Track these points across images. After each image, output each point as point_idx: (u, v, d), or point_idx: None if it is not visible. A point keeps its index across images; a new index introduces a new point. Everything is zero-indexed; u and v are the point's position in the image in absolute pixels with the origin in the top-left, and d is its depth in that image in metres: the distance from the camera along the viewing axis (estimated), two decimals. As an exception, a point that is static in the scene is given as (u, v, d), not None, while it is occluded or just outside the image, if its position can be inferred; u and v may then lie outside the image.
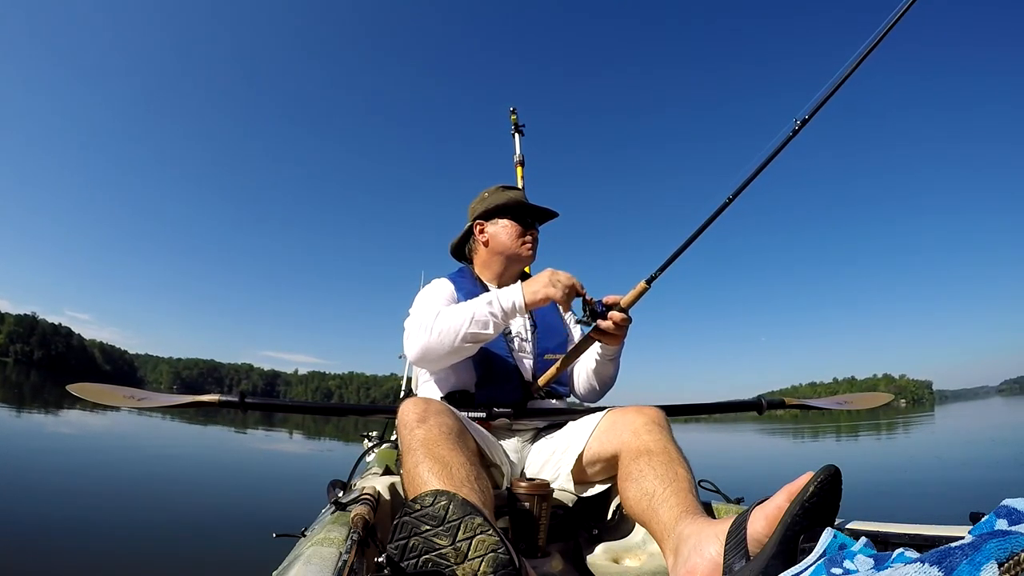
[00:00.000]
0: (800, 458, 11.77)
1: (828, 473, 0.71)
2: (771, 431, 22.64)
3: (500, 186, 1.76)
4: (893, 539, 0.92)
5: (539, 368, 1.55)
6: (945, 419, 22.96)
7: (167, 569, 3.27)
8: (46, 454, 7.24)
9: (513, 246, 1.65)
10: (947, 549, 0.49)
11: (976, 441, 13.02)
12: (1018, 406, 36.93)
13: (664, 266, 1.28)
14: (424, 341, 1.33)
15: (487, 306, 1.32)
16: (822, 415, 19.89)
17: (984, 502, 0.67)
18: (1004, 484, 5.89)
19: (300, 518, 1.42)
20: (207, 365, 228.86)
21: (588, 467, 1.27)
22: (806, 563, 0.65)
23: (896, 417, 24.40)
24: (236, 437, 14.44)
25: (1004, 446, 10.95)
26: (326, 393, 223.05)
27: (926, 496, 5.81)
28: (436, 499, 0.74)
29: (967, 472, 7.37)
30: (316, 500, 1.48)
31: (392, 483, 1.27)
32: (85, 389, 1.81)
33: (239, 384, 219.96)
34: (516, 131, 3.10)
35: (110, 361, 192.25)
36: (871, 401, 2.35)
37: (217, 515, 4.77)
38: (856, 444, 14.32)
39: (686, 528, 0.86)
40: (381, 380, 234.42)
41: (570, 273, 1.32)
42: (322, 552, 0.84)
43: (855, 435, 17.43)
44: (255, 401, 1.67)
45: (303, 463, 10.16)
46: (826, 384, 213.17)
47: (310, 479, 6.49)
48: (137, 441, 10.90)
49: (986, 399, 77.91)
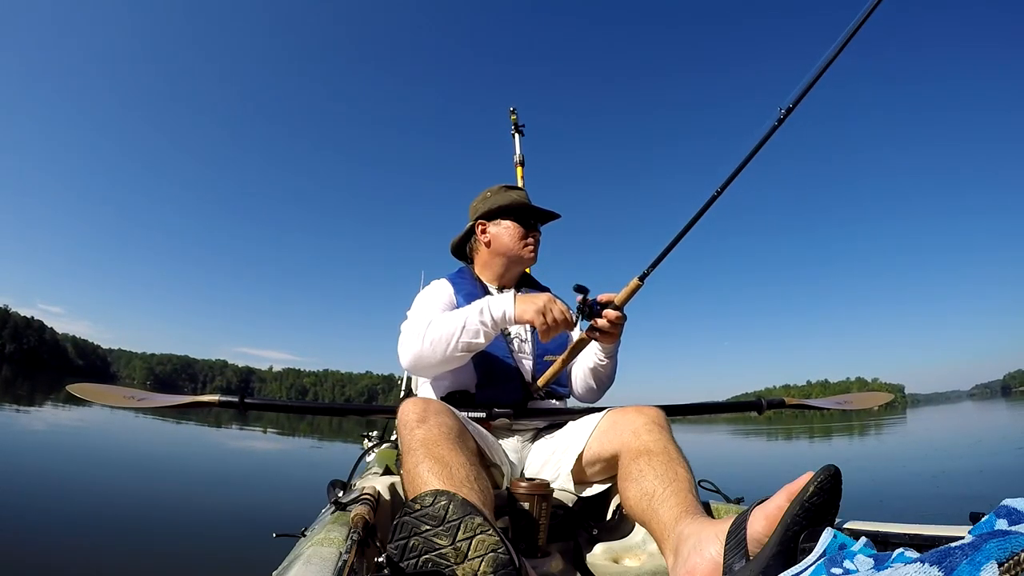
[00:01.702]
0: (793, 458, 11.78)
1: (828, 473, 0.71)
2: (744, 432, 22.70)
3: (503, 186, 1.76)
4: (893, 539, 0.92)
5: (538, 369, 1.56)
6: (916, 422, 23.12)
7: (167, 569, 3.27)
8: (40, 453, 7.24)
9: (515, 247, 1.64)
10: (947, 549, 0.49)
11: (944, 443, 13.09)
12: (988, 410, 37.29)
13: (656, 262, 1.28)
14: (417, 350, 1.34)
15: (478, 315, 1.32)
16: (795, 417, 19.95)
17: (984, 502, 0.67)
18: (1004, 484, 5.89)
19: (300, 518, 1.42)
20: (181, 361, 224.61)
21: (588, 467, 1.27)
22: (806, 563, 0.65)
23: (868, 419, 24.49)
24: (236, 437, 14.44)
25: (976, 447, 11.00)
26: (301, 390, 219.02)
27: (925, 496, 5.81)
28: (436, 499, 0.74)
29: (965, 472, 7.37)
30: (316, 500, 1.48)
31: (392, 483, 1.27)
32: (85, 390, 1.81)
33: (213, 381, 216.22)
34: (516, 131, 3.10)
35: (83, 356, 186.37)
36: (871, 401, 2.35)
37: (217, 515, 4.77)
38: (847, 444, 14.36)
39: (686, 528, 0.86)
40: (356, 378, 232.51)
41: (566, 307, 1.32)
42: (322, 552, 0.84)
43: (828, 437, 17.56)
44: (255, 401, 1.67)
45: (303, 463, 10.16)
46: (799, 387, 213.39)
47: (310, 479, 6.48)
48: (137, 441, 10.90)
49: (957, 403, 78.60)
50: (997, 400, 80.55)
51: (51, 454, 7.23)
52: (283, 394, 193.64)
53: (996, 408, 38.26)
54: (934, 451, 11.30)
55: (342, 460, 8.58)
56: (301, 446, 13.97)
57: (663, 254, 1.28)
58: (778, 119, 1.19)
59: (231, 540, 3.94)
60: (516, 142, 3.06)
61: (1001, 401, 66.90)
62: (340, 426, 22.92)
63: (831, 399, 2.25)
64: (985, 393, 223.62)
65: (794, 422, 26.29)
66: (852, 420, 25.34)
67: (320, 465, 9.77)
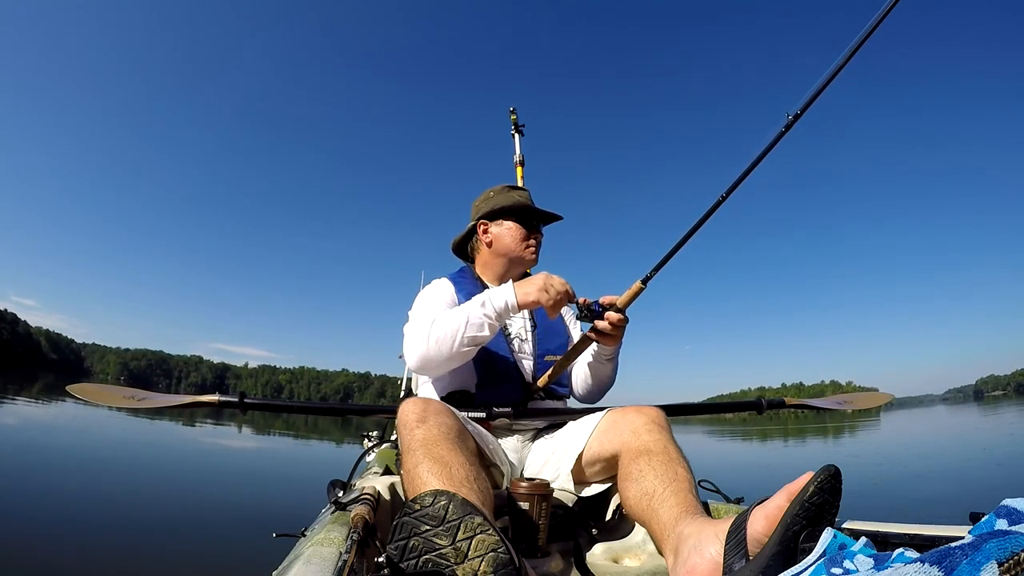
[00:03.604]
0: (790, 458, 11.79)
1: (828, 473, 0.71)
2: (720, 432, 22.71)
3: (506, 186, 1.75)
4: (893, 539, 0.92)
5: (539, 369, 1.56)
6: (890, 425, 23.25)
7: (167, 569, 3.26)
8: (35, 451, 7.23)
9: (516, 249, 1.64)
10: (947, 549, 0.49)
11: (919, 446, 13.14)
12: (961, 413, 37.56)
13: (659, 266, 1.28)
14: (422, 349, 1.33)
15: (481, 308, 1.32)
16: (771, 418, 19.98)
17: (984, 502, 0.68)
18: (1003, 484, 5.89)
19: (300, 518, 1.42)
20: (155, 356, 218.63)
21: (588, 467, 1.27)
22: (806, 563, 0.65)
23: (843, 421, 24.57)
24: (235, 437, 14.44)
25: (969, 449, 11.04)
26: (276, 388, 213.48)
27: (925, 496, 5.81)
28: (436, 499, 0.74)
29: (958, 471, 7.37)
30: (316, 500, 1.48)
31: (392, 483, 1.27)
32: (85, 390, 1.81)
33: (188, 377, 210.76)
34: (516, 131, 3.09)
35: (56, 350, 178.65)
36: (871, 401, 2.34)
37: (217, 515, 4.77)
38: (823, 445, 14.40)
39: (686, 528, 0.86)
40: (332, 375, 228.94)
41: (563, 278, 1.32)
42: (322, 552, 0.84)
43: (802, 438, 17.57)
44: (254, 401, 1.67)
45: (303, 463, 10.16)
46: (774, 389, 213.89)
47: (310, 479, 6.48)
48: (137, 440, 10.89)
49: (931, 407, 79.22)
50: (970, 404, 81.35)
51: (46, 454, 7.23)
52: (258, 391, 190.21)
53: (969, 412, 38.63)
54: (908, 454, 11.34)
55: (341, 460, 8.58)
56: (279, 444, 13.93)
57: (666, 258, 1.28)
58: (785, 125, 1.18)
59: (231, 540, 3.93)
60: (516, 142, 3.06)
61: (973, 405, 67.59)
62: (316, 424, 23.09)
63: (830, 399, 2.25)
64: (958, 397, 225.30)
65: (768, 423, 26.36)
66: (827, 422, 25.35)
67: (320, 465, 9.76)
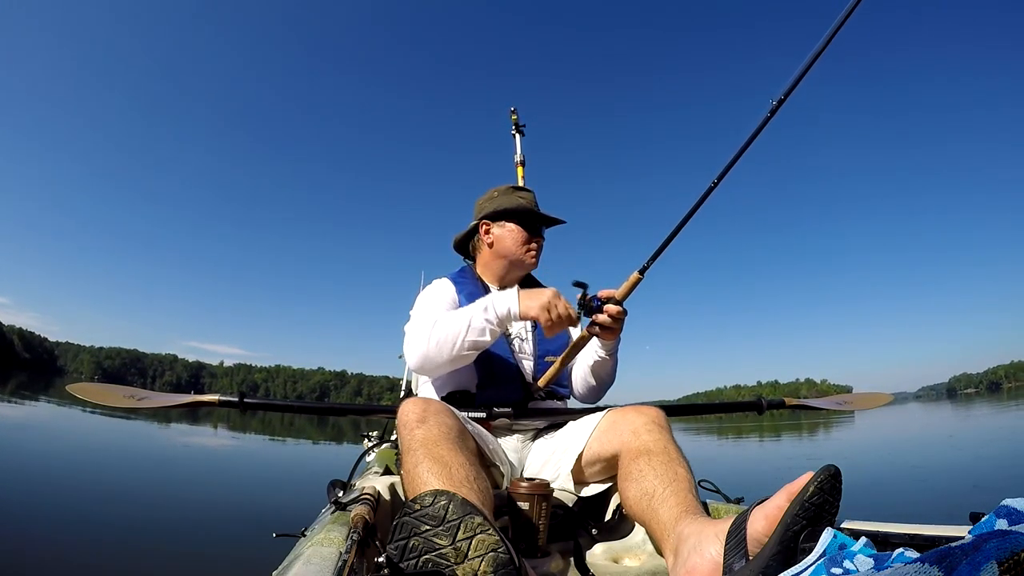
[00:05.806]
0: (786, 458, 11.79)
1: (828, 473, 0.71)
2: (696, 430, 22.74)
3: (510, 187, 1.74)
4: (893, 539, 0.92)
5: (539, 369, 1.55)
6: (863, 422, 23.23)
7: (167, 569, 3.26)
8: (34, 452, 7.23)
9: (517, 252, 1.63)
10: (947, 549, 0.49)
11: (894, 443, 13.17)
12: (933, 411, 37.67)
13: (655, 255, 1.29)
14: (423, 350, 1.34)
15: (483, 312, 1.32)
16: (746, 416, 20.07)
17: (984, 502, 0.68)
18: (1003, 484, 5.89)
19: (300, 518, 1.42)
20: (130, 355, 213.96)
21: (588, 467, 1.27)
22: (806, 563, 0.65)
23: (817, 419, 24.49)
24: (235, 437, 14.44)
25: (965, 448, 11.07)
26: (252, 386, 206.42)
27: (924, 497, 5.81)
28: (436, 499, 0.74)
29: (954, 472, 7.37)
30: (316, 500, 1.48)
31: (392, 483, 1.27)
32: (85, 389, 1.81)
33: (163, 376, 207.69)
34: (517, 131, 3.09)
35: (29, 349, 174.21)
36: (871, 401, 2.35)
37: (217, 515, 4.77)
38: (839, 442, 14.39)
39: (686, 528, 0.86)
40: (308, 374, 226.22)
41: (568, 303, 1.33)
42: (322, 552, 0.84)
43: (777, 436, 17.55)
44: (254, 401, 1.67)
45: (303, 463, 10.16)
46: (750, 387, 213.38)
47: (310, 479, 6.48)
48: (136, 440, 10.89)
49: (904, 404, 79.63)
50: (943, 402, 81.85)
51: (44, 453, 7.23)
52: (234, 389, 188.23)
53: (942, 409, 38.83)
54: (887, 450, 11.38)
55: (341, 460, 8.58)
56: (279, 444, 13.93)
57: (662, 247, 1.29)
58: (770, 111, 1.20)
59: (231, 540, 3.93)
60: (517, 142, 3.06)
61: (947, 403, 68.08)
62: (292, 422, 23.23)
63: (831, 399, 2.26)
64: (931, 395, 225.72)
65: (744, 420, 26.29)
66: (801, 419, 25.15)
67: (320, 465, 9.76)
